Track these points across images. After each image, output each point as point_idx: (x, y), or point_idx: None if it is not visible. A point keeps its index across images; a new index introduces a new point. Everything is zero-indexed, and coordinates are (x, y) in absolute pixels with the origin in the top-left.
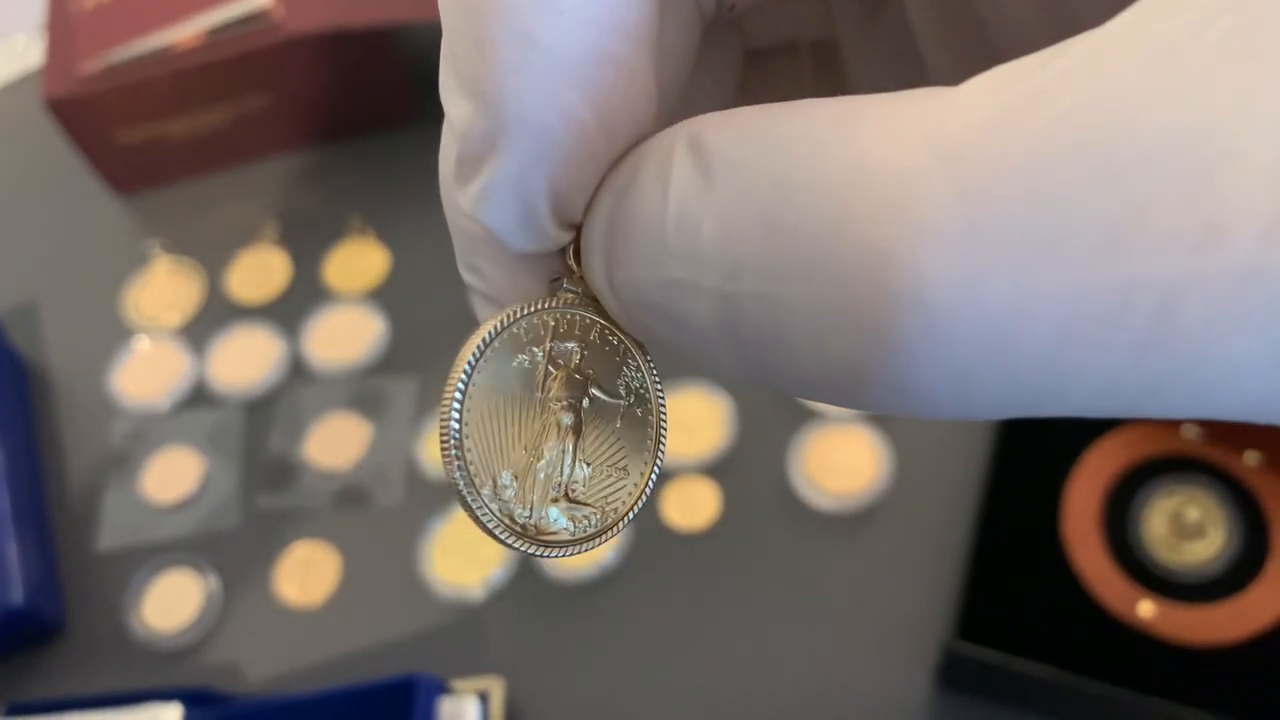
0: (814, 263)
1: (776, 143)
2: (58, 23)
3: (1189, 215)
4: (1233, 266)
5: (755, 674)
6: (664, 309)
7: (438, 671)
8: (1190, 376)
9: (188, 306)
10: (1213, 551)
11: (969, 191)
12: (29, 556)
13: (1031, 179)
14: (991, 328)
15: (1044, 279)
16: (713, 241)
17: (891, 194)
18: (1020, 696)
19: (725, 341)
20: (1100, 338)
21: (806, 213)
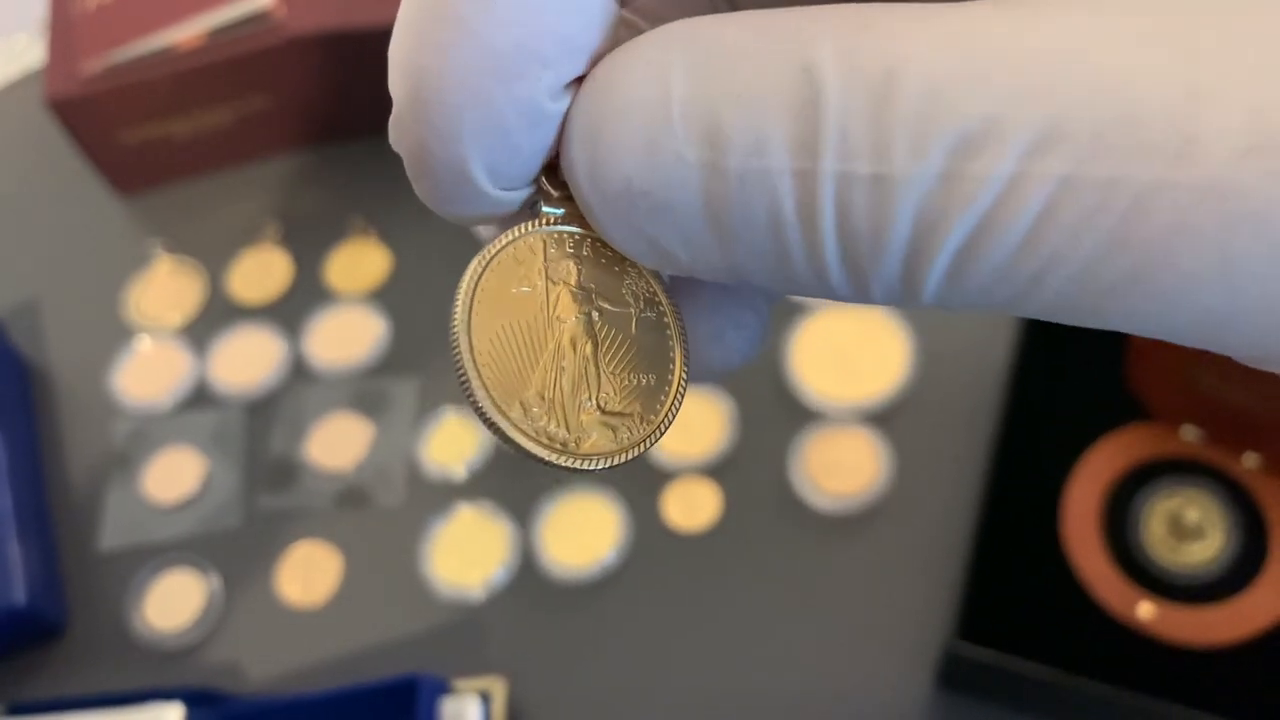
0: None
1: (795, 36)
2: (59, 23)
3: (1173, 130)
4: (1200, 181)
5: (755, 673)
6: (655, 198)
7: (439, 671)
8: (1150, 280)
9: (189, 306)
10: (1212, 553)
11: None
12: (30, 556)
13: (1034, 84)
14: (981, 208)
15: (1038, 166)
16: (736, 123)
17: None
18: (1020, 697)
19: (729, 229)
20: (1079, 226)
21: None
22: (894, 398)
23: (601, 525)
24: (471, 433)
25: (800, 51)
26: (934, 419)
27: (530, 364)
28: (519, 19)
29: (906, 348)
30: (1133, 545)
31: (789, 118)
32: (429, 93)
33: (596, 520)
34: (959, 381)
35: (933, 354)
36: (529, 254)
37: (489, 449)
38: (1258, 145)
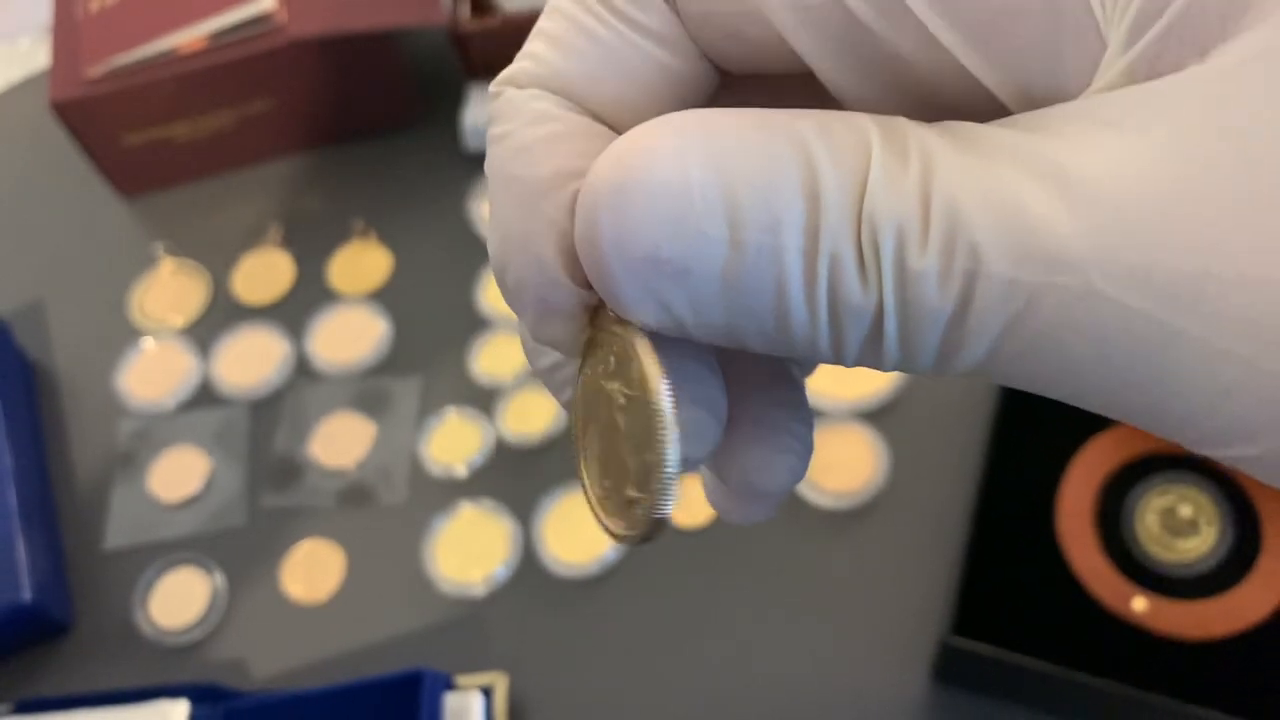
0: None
1: (788, 130)
2: (63, 26)
3: (1047, 241)
4: (1076, 285)
5: (753, 667)
6: (677, 265)
7: (441, 667)
8: (1042, 360)
9: (192, 307)
10: (1205, 548)
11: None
12: (36, 555)
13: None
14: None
15: (958, 264)
16: (755, 204)
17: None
18: (1015, 691)
19: (736, 294)
20: (990, 312)
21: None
22: (890, 396)
23: None
24: (473, 431)
25: (800, 145)
26: (930, 416)
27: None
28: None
29: None
30: (1127, 540)
31: (799, 202)
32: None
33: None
34: (954, 380)
35: None
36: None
37: (490, 447)
38: (1118, 260)
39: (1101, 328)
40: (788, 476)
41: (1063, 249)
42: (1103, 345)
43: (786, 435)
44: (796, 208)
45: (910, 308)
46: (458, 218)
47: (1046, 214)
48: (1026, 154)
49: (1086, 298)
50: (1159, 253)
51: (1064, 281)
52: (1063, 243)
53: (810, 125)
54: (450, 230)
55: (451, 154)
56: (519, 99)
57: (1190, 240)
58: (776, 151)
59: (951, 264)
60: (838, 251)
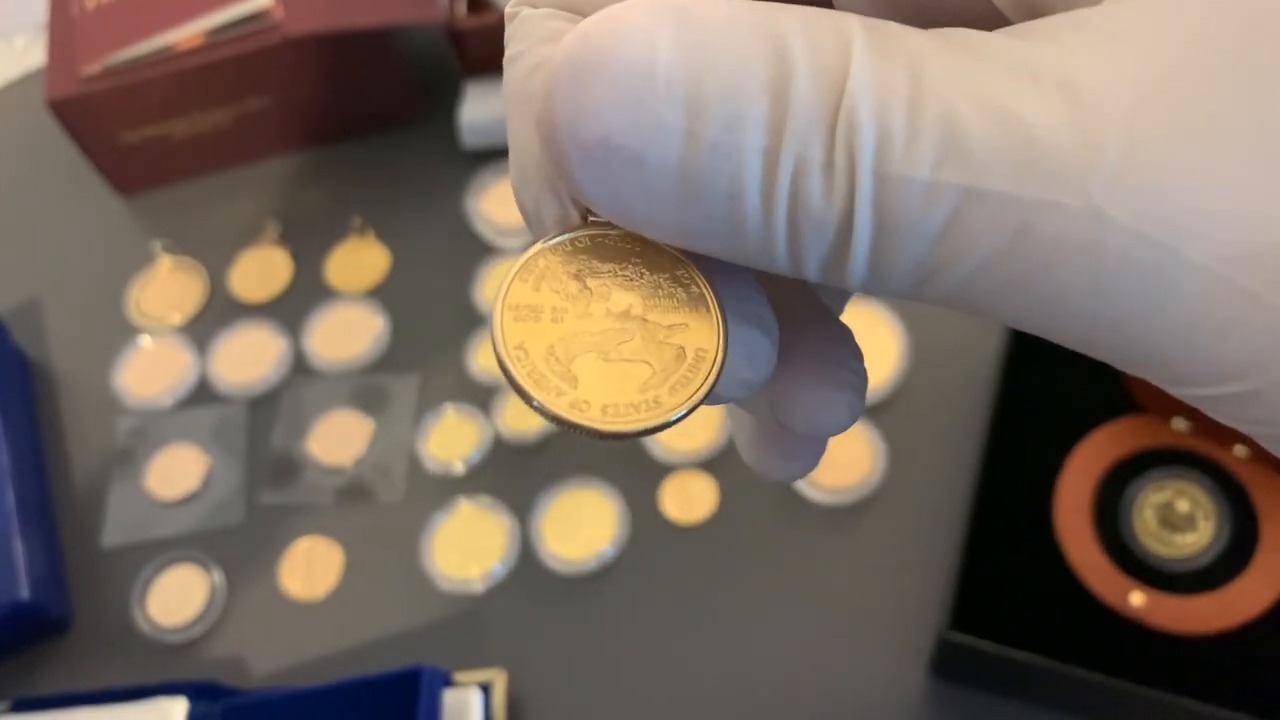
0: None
1: (776, 25)
2: (59, 23)
3: (1061, 162)
4: (1076, 206)
5: (751, 663)
6: (630, 153)
7: (440, 664)
8: (1031, 287)
9: (190, 305)
10: (1203, 543)
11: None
12: (34, 553)
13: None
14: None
15: (948, 175)
16: (717, 96)
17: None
18: (1013, 685)
19: (691, 195)
20: (977, 233)
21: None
22: (888, 391)
23: (600, 519)
24: (471, 428)
25: (776, 40)
26: (927, 412)
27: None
28: None
29: (900, 342)
30: (1124, 535)
31: (764, 100)
32: None
33: (595, 514)
34: (952, 375)
35: (925, 348)
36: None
37: (488, 444)
38: (1122, 186)
39: (1099, 254)
40: (848, 413)
41: (1066, 165)
42: (1098, 273)
43: (846, 370)
44: (761, 104)
45: (888, 221)
46: (455, 215)
47: (1050, 126)
48: (1029, 63)
49: (1087, 219)
50: (1167, 174)
51: (1065, 201)
52: (1066, 158)
53: (792, 20)
54: (448, 227)
55: (449, 151)
56: (534, 18)
57: (1200, 163)
58: (749, 43)
59: (942, 174)
60: (804, 154)
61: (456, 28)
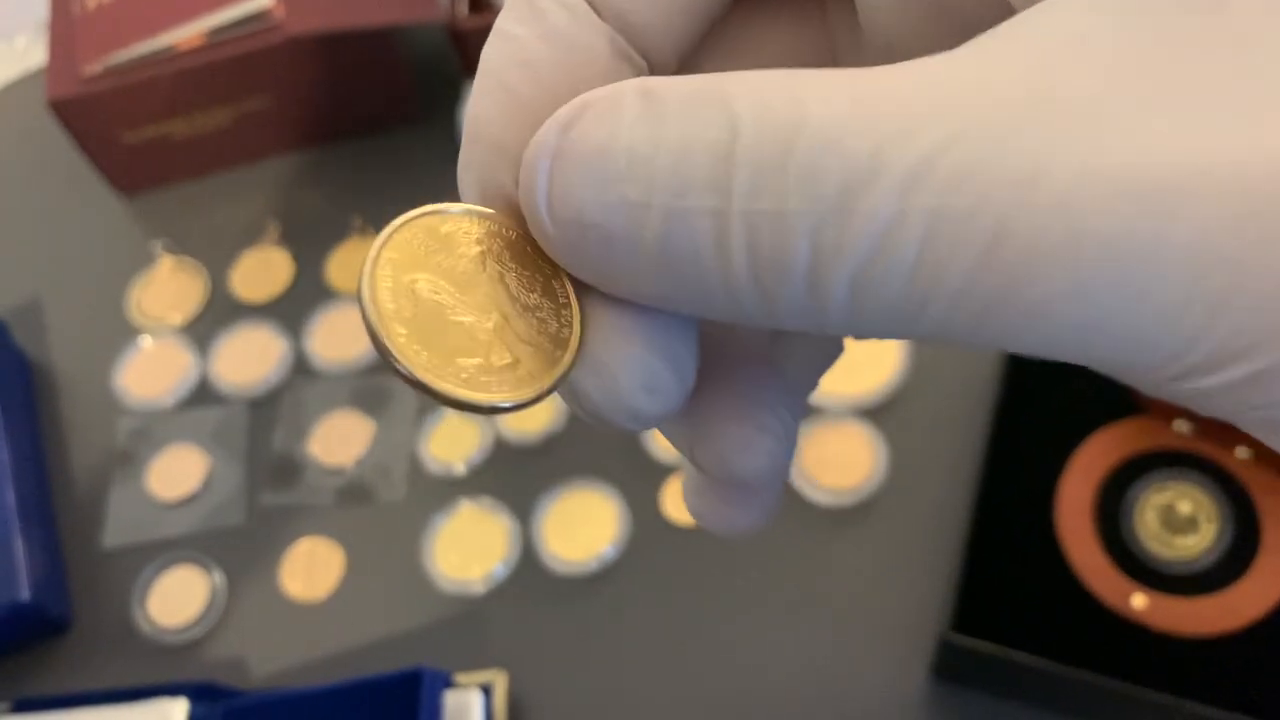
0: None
1: (723, 95)
2: (60, 23)
3: (1022, 163)
4: (1048, 204)
5: (751, 663)
6: (602, 230)
7: (440, 664)
8: (1015, 300)
9: (191, 306)
10: (1204, 545)
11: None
12: (35, 553)
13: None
14: (868, 241)
15: (914, 201)
16: (666, 170)
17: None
18: (1015, 687)
19: (659, 258)
20: (951, 254)
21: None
22: (889, 394)
23: (600, 520)
24: (471, 429)
25: (723, 108)
26: (929, 414)
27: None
28: None
29: (901, 345)
30: (1126, 537)
31: (707, 164)
32: None
33: (595, 515)
34: (953, 377)
35: (927, 350)
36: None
37: (489, 445)
38: (1092, 170)
39: (1078, 250)
40: (766, 460)
41: (1035, 166)
42: (1078, 272)
43: (768, 413)
44: (706, 167)
45: (861, 264)
46: None
47: (1010, 132)
48: (987, 78)
49: (1062, 216)
50: (1133, 154)
51: (1037, 201)
52: (1032, 159)
53: (746, 84)
54: None
55: (449, 151)
56: (542, 1)
57: (1166, 137)
58: (699, 112)
59: (907, 201)
60: (754, 210)
61: (457, 28)
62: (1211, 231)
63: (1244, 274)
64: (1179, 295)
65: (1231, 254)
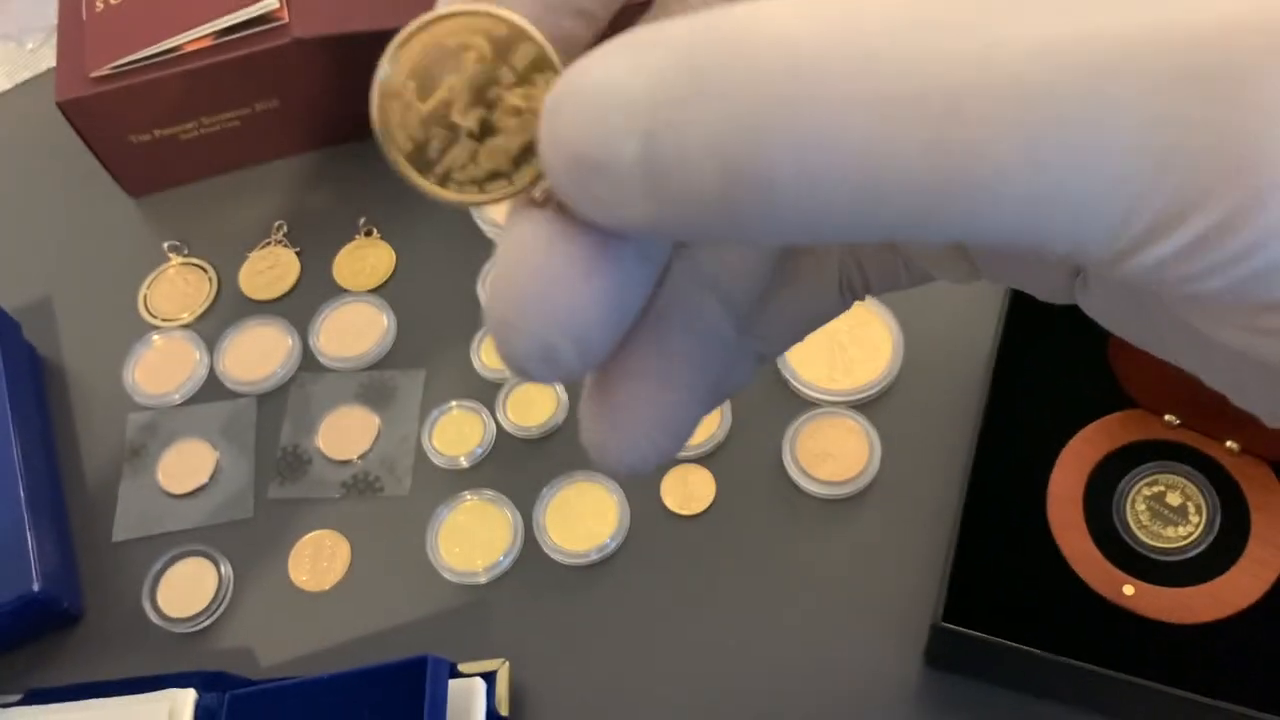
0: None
1: (693, 27)
2: (69, 25)
3: (971, 37)
4: (1000, 80)
5: (749, 651)
6: (597, 163)
7: (444, 654)
8: (970, 176)
9: (199, 304)
10: (1194, 535)
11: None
12: (45, 546)
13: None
14: (818, 131)
15: (861, 87)
16: (648, 92)
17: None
18: (1007, 674)
19: (646, 180)
20: (906, 136)
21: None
22: (882, 385)
23: (601, 511)
24: (475, 423)
25: (691, 34)
26: (921, 406)
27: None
28: None
29: (894, 336)
30: (1116, 527)
31: (685, 79)
32: None
33: (596, 506)
34: (945, 368)
35: (919, 342)
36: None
37: (492, 439)
38: (1044, 48)
39: (1029, 122)
40: (652, 455)
41: (984, 47)
42: (1030, 144)
43: (686, 374)
44: (681, 82)
45: (812, 157)
46: (458, 215)
47: (958, 13)
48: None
49: (1013, 90)
50: (1087, 22)
51: (989, 79)
52: (982, 41)
53: (691, 22)
54: (451, 227)
55: None
56: None
57: (1121, 3)
58: (678, 40)
59: (855, 87)
60: (711, 119)
61: None
62: (1157, 89)
63: (1186, 131)
64: (1126, 157)
65: (1174, 112)
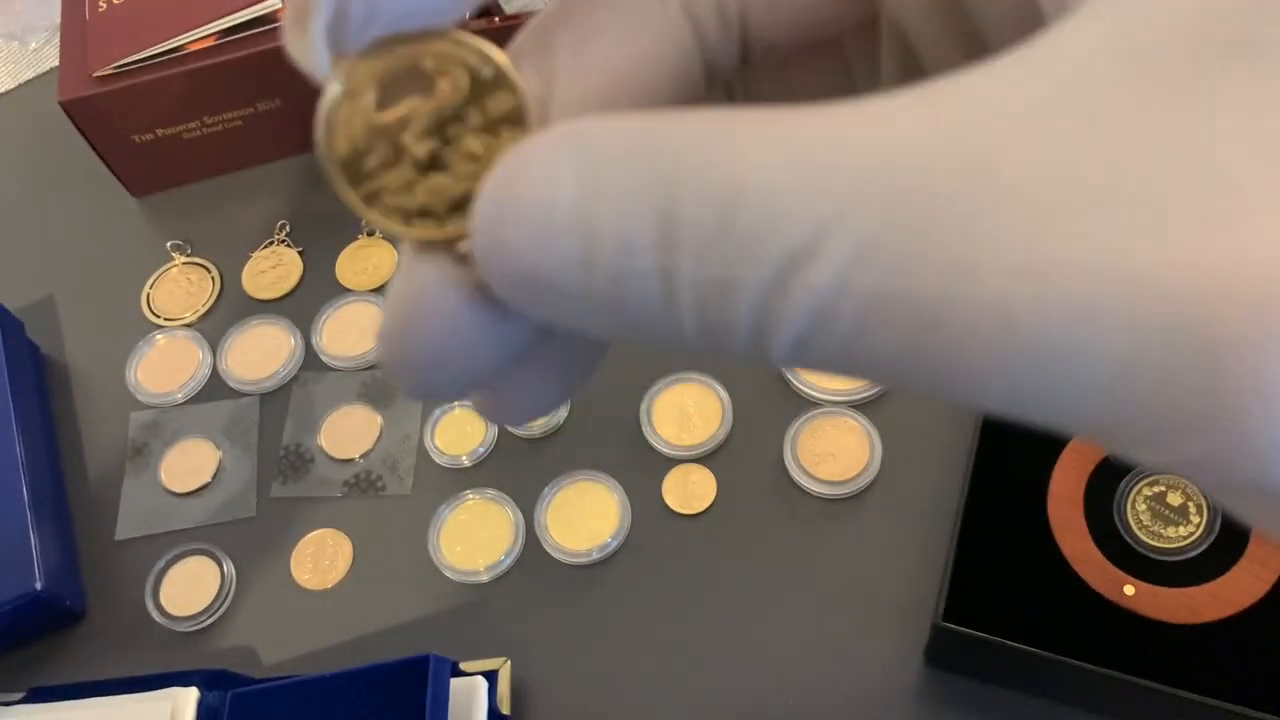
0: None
1: (663, 152)
2: (72, 25)
3: (960, 251)
4: (982, 296)
5: (749, 650)
6: (546, 283)
7: (446, 652)
8: (949, 375)
9: (202, 303)
10: (1194, 535)
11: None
12: (48, 544)
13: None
14: (807, 313)
15: (854, 276)
16: (609, 227)
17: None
18: (1007, 674)
19: (609, 310)
20: (886, 330)
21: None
22: (883, 387)
23: (602, 511)
24: (477, 422)
25: (663, 162)
26: (922, 406)
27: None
28: None
29: None
30: (1117, 527)
31: (652, 224)
32: None
33: (598, 506)
34: None
35: None
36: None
37: (493, 438)
38: (1029, 269)
39: (1009, 342)
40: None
41: (972, 257)
42: (1009, 362)
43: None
44: (650, 226)
45: (799, 332)
46: None
47: (948, 216)
48: (930, 150)
49: (996, 310)
50: (1075, 253)
51: (973, 293)
52: (970, 249)
53: (686, 134)
54: None
55: None
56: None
57: (1114, 236)
58: (639, 166)
59: (849, 276)
60: (700, 272)
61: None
62: (1141, 343)
63: (1166, 379)
64: (1105, 392)
65: (1157, 363)
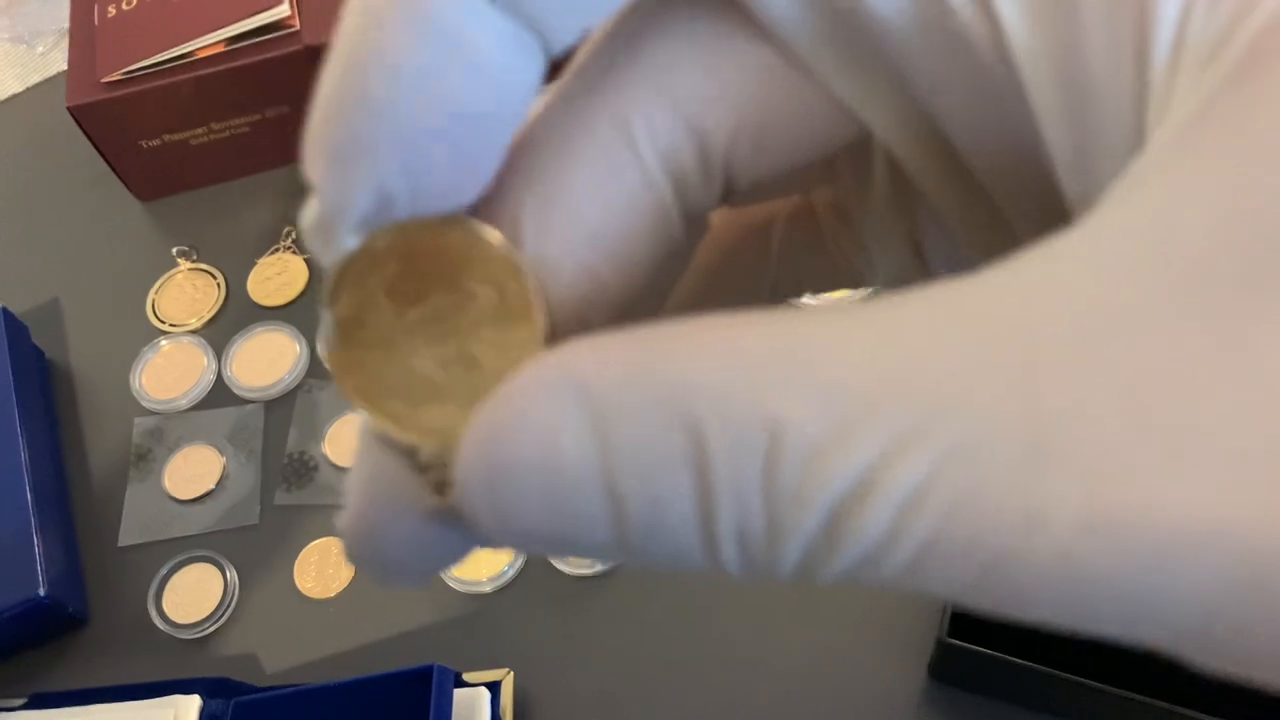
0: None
1: (674, 391)
2: (81, 30)
3: (1019, 500)
4: (1045, 548)
5: (752, 663)
6: (562, 541)
7: (449, 662)
8: (1018, 605)
9: (207, 309)
10: None
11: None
12: (51, 550)
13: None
14: (858, 552)
15: (908, 521)
16: (634, 484)
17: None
18: (1010, 689)
19: (638, 557)
20: (945, 571)
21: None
22: None
23: None
24: None
25: (680, 407)
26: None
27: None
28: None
29: None
30: None
31: (684, 479)
32: None
33: None
34: None
35: None
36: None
37: None
38: (1093, 523)
39: (1073, 592)
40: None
41: (1034, 506)
42: (1073, 608)
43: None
44: (684, 480)
45: (848, 569)
46: None
47: (1007, 451)
48: (980, 365)
49: (1061, 563)
50: (1143, 503)
51: (1035, 545)
52: (1032, 496)
53: (701, 373)
54: None
55: None
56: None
57: (1179, 484)
58: (654, 416)
59: (902, 521)
60: (743, 520)
61: None
62: (1218, 597)
63: (1246, 635)
64: (1179, 634)
65: (1236, 618)
